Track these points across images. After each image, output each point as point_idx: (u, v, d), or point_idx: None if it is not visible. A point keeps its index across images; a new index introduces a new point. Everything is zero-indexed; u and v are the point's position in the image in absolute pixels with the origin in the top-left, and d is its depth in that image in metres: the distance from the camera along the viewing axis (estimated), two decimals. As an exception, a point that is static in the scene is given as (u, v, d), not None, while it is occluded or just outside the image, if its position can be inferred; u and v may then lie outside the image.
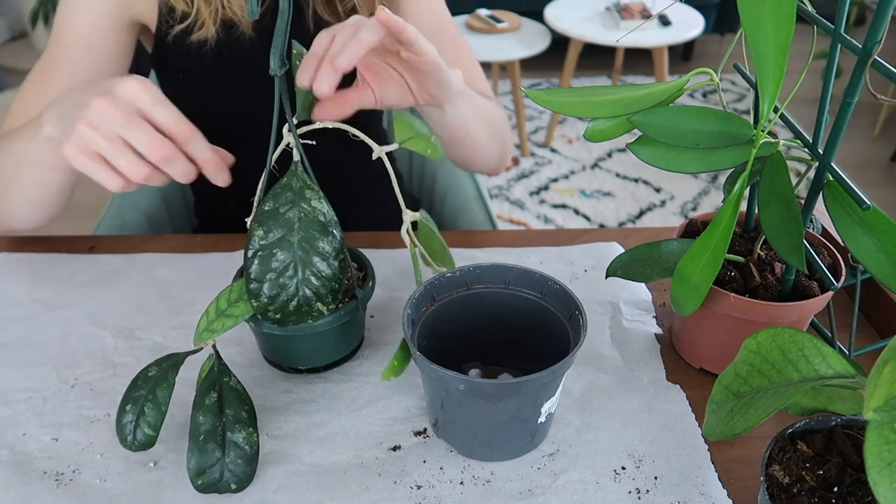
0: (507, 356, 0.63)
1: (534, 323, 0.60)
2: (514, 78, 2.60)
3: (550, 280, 0.58)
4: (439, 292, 0.59)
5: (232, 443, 0.52)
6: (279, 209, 0.54)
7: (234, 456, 0.52)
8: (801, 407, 0.47)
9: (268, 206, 0.54)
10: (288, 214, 0.54)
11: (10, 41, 3.77)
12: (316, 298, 0.56)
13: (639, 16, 2.59)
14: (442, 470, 0.55)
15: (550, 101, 0.53)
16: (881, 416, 0.32)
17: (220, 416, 0.53)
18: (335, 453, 0.56)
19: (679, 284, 0.55)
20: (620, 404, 0.61)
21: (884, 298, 0.69)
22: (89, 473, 0.55)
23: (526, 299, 0.60)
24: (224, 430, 0.53)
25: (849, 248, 0.48)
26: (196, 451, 0.51)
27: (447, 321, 0.60)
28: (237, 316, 0.55)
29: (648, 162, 0.52)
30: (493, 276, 0.60)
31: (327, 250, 0.55)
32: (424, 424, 0.59)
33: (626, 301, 0.73)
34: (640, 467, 0.55)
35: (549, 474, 0.55)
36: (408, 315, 0.55)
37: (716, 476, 0.55)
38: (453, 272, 0.59)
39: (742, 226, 0.65)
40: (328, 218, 0.55)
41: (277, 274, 0.54)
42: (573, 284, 0.76)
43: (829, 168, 0.50)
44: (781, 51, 0.45)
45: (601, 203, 2.44)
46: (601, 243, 0.81)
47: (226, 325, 0.55)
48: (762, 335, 0.43)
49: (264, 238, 0.54)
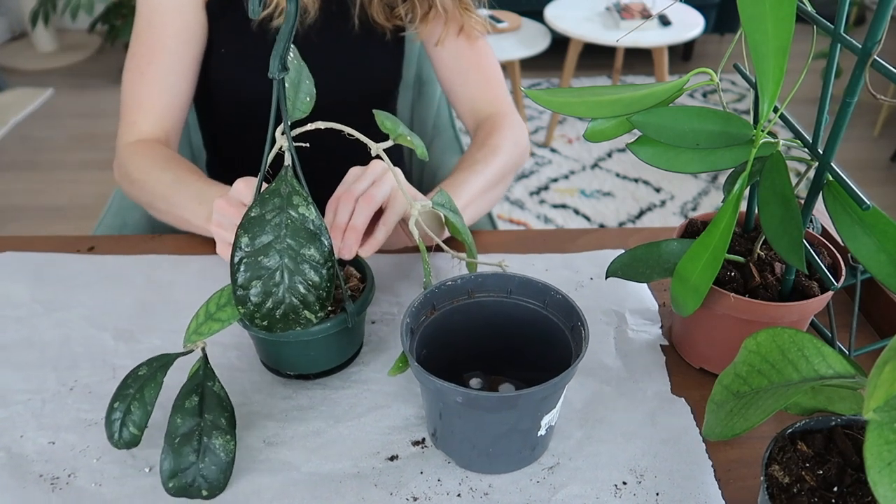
0: (509, 365, 0.62)
1: (535, 333, 0.59)
2: (514, 78, 2.60)
3: (553, 290, 0.57)
4: (440, 301, 0.58)
5: (208, 448, 0.52)
6: (265, 215, 0.53)
7: (209, 462, 0.52)
8: (801, 407, 0.47)
9: (254, 212, 0.53)
10: (275, 221, 0.53)
11: (10, 41, 3.77)
12: (303, 306, 0.55)
13: (639, 16, 2.59)
14: (440, 482, 0.54)
15: (550, 101, 0.53)
16: (881, 416, 0.32)
17: (199, 420, 0.53)
18: (332, 462, 0.56)
19: (679, 284, 0.55)
20: (623, 416, 0.60)
21: (884, 298, 0.69)
22: (85, 478, 0.54)
23: (528, 309, 0.59)
24: (201, 435, 0.52)
25: (849, 248, 0.48)
26: (171, 454, 0.51)
27: (448, 330, 0.59)
28: (224, 320, 0.55)
29: (648, 162, 0.52)
30: (495, 285, 0.59)
31: (316, 258, 0.54)
32: (423, 434, 0.58)
33: (631, 310, 0.72)
34: (641, 482, 0.54)
35: (549, 488, 0.54)
36: (407, 324, 0.54)
37: (719, 494, 0.53)
38: (454, 280, 0.58)
39: (742, 226, 0.65)
40: (317, 225, 0.54)
41: (263, 281, 0.53)
42: (578, 292, 0.75)
43: (829, 168, 0.50)
44: (781, 51, 0.45)
45: (601, 203, 2.44)
46: (607, 251, 0.81)
47: (212, 328, 0.55)
48: (762, 335, 0.43)
49: (250, 245, 0.53)
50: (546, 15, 2.63)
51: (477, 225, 1.07)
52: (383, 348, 0.67)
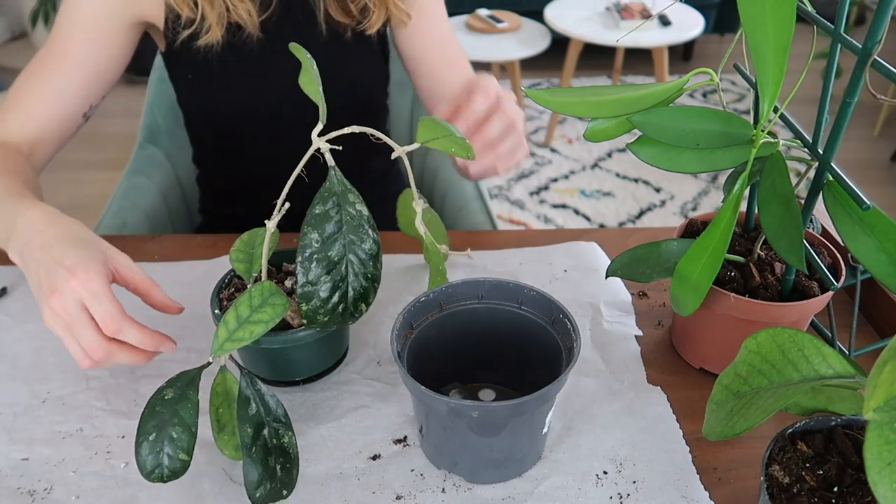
0: (486, 370, 0.62)
1: (512, 334, 0.59)
2: (514, 78, 2.60)
3: (526, 288, 0.57)
4: (416, 318, 0.57)
5: (280, 448, 0.51)
6: (329, 212, 0.55)
7: (283, 461, 0.51)
8: (801, 407, 0.47)
9: (318, 209, 0.54)
10: (336, 217, 0.55)
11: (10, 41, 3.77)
12: (362, 299, 0.57)
13: (639, 16, 2.59)
14: (423, 478, 0.55)
15: (550, 100, 0.53)
16: (881, 416, 0.32)
17: (264, 424, 0.51)
18: (313, 464, 0.56)
19: (679, 284, 0.55)
20: (602, 408, 0.61)
21: (884, 298, 0.69)
22: (62, 491, 0.54)
23: (502, 311, 0.59)
24: (271, 438, 0.51)
25: (849, 248, 0.48)
26: (255, 464, 0.49)
27: (426, 346, 0.58)
28: (266, 321, 0.53)
29: (648, 162, 0.52)
30: (464, 293, 0.59)
31: (370, 250, 0.56)
32: (404, 432, 0.59)
33: (605, 302, 0.72)
34: (621, 471, 0.55)
35: (531, 480, 0.54)
36: (395, 349, 0.53)
37: (697, 478, 0.54)
38: (426, 295, 0.57)
39: (742, 226, 0.65)
40: (369, 220, 0.56)
41: (332, 276, 0.55)
42: (553, 285, 0.75)
43: (829, 168, 0.50)
44: (781, 51, 0.45)
45: (601, 203, 2.44)
46: (581, 243, 0.81)
47: (254, 332, 0.52)
48: (762, 335, 0.43)
49: (319, 240, 0.54)
50: (546, 15, 2.63)
51: (477, 225, 1.07)
52: (360, 348, 0.67)
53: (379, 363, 0.66)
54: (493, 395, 0.62)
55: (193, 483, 0.54)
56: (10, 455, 0.57)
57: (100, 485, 0.54)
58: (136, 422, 0.58)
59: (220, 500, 0.53)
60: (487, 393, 0.62)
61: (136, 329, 0.55)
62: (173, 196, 1.14)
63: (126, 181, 1.10)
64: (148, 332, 0.56)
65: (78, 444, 0.57)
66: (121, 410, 0.61)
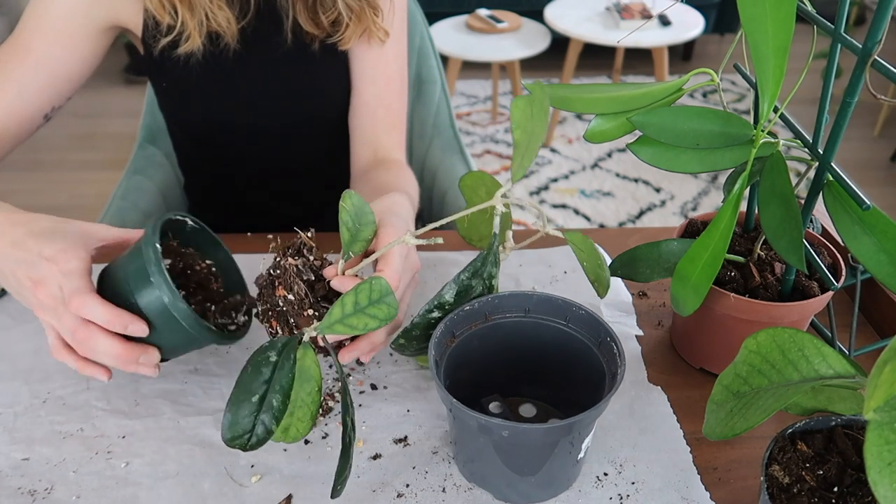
0: (528, 385, 0.61)
1: (557, 350, 0.58)
2: (514, 78, 2.60)
3: (575, 306, 0.56)
4: (458, 327, 0.56)
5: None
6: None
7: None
8: (801, 407, 0.47)
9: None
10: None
11: (10, 41, 3.76)
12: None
13: (639, 16, 2.59)
14: (423, 477, 0.55)
15: (549, 96, 0.53)
16: (881, 416, 0.32)
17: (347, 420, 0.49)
18: (314, 464, 0.56)
19: (679, 284, 0.55)
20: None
21: (884, 298, 0.69)
22: (62, 491, 0.54)
23: (548, 327, 0.58)
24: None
25: (849, 248, 0.48)
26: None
27: (467, 356, 0.57)
28: (380, 319, 0.50)
29: (648, 162, 0.52)
30: (511, 305, 0.58)
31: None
32: (404, 432, 0.59)
33: (606, 303, 0.72)
34: (621, 473, 0.55)
35: None
36: (432, 356, 0.52)
37: (698, 479, 0.54)
38: (472, 304, 0.56)
39: (742, 226, 0.65)
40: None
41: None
42: (553, 287, 0.75)
43: (829, 168, 0.50)
44: (781, 51, 0.45)
45: (601, 203, 2.44)
46: None
47: (368, 325, 0.50)
48: (762, 335, 0.43)
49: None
50: (546, 15, 2.63)
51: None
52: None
53: (379, 363, 0.66)
54: (534, 410, 0.60)
55: (194, 483, 0.54)
56: (10, 455, 0.57)
57: (100, 485, 0.54)
58: (136, 422, 0.59)
59: (220, 500, 0.53)
60: (528, 408, 0.61)
61: (101, 307, 0.54)
62: (173, 196, 1.14)
63: (126, 181, 1.10)
64: (116, 311, 0.54)
65: (78, 444, 0.57)
66: (121, 410, 0.61)
